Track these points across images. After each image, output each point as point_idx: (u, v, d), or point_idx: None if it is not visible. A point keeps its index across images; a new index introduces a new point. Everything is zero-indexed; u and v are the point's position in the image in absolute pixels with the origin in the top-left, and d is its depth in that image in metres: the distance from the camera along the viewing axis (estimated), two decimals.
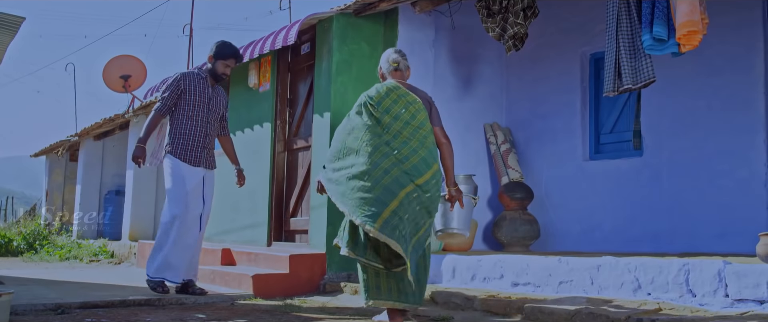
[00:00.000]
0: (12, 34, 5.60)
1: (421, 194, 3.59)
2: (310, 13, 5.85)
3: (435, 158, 3.73)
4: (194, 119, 4.89)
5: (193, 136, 4.87)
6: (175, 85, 4.88)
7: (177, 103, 4.89)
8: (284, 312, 4.33)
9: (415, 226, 3.60)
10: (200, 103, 4.91)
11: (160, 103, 4.89)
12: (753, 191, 5.08)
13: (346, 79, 5.85)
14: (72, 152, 14.66)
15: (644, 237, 5.64)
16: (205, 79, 4.99)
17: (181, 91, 4.87)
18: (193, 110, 4.88)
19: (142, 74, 10.98)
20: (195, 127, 4.89)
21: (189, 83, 4.90)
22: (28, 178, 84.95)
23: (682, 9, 4.09)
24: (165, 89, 4.90)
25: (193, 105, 4.88)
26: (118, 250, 10.23)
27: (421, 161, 3.63)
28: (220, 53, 4.94)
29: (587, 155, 6.28)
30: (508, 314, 3.98)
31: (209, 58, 4.97)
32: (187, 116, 4.87)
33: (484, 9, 5.78)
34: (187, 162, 4.82)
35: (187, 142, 4.84)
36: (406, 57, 3.97)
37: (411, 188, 3.57)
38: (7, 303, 3.67)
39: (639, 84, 4.47)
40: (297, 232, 6.34)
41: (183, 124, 4.87)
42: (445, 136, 3.83)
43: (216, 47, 4.96)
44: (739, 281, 3.47)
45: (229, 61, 4.97)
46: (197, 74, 4.97)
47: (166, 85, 4.93)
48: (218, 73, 4.97)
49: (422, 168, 3.61)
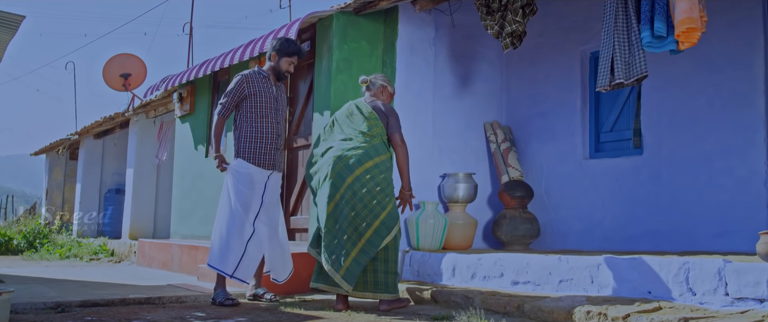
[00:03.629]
0: (12, 33, 5.60)
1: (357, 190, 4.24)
2: (310, 12, 5.84)
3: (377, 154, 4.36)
4: (264, 120, 4.70)
5: (265, 138, 4.69)
6: (237, 88, 4.69)
7: (241, 105, 4.72)
8: (284, 311, 4.33)
9: (356, 230, 4.21)
10: (268, 104, 4.73)
11: (221, 107, 4.71)
12: (753, 189, 5.08)
13: (346, 78, 5.85)
14: (72, 151, 14.67)
15: (644, 235, 5.64)
16: (267, 77, 4.79)
17: (245, 95, 4.69)
18: (262, 111, 4.70)
19: (142, 73, 11.00)
20: (266, 129, 4.71)
21: (253, 85, 4.70)
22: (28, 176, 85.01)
23: (681, 6, 4.09)
24: (227, 92, 4.71)
25: (262, 106, 4.70)
26: (118, 248, 10.24)
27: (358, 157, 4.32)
28: (285, 50, 4.78)
29: (587, 154, 6.28)
30: (509, 312, 3.99)
31: (272, 56, 4.78)
32: (256, 118, 4.68)
33: (484, 7, 5.78)
34: (259, 165, 4.67)
35: (259, 145, 4.67)
36: (381, 78, 4.69)
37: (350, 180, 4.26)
38: (7, 302, 3.67)
39: (631, 79, 4.46)
40: (297, 231, 6.34)
41: (253, 126, 4.68)
42: (401, 141, 4.46)
43: (279, 44, 4.78)
44: (739, 280, 3.47)
45: (293, 58, 4.82)
46: (258, 73, 4.78)
47: (228, 89, 4.72)
48: (282, 70, 4.81)
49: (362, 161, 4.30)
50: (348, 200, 4.21)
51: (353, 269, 4.16)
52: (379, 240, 4.20)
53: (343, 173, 4.26)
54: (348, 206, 4.21)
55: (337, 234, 4.21)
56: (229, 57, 6.59)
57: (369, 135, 4.39)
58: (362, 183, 4.23)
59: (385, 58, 6.04)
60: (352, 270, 4.16)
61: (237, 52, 6.43)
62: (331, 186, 4.26)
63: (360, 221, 4.20)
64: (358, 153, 4.29)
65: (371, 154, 4.31)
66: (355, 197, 4.21)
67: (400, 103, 5.91)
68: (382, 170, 4.31)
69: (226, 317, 4.00)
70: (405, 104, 5.96)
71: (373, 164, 4.28)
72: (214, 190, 7.54)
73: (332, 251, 4.20)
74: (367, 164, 4.27)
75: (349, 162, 4.27)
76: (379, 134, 4.41)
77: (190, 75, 7.54)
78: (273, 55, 4.80)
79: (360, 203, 4.21)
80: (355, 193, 4.21)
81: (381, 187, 4.27)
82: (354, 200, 4.21)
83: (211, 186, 7.69)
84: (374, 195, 4.23)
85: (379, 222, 4.22)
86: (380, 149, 4.37)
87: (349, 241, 4.19)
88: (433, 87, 6.19)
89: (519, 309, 3.94)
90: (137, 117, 11.09)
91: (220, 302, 4.54)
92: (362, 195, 4.21)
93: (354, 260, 4.17)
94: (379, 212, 4.23)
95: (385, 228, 4.23)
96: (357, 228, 4.20)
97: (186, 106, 8.45)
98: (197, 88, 8.37)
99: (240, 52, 6.34)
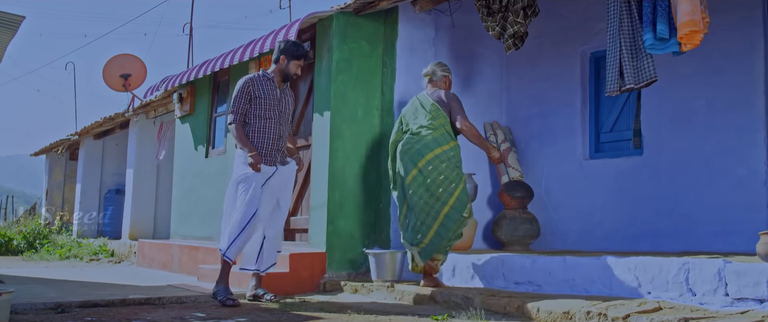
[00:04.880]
0: (12, 33, 5.61)
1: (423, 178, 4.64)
2: (310, 12, 5.84)
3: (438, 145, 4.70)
4: (267, 122, 4.80)
5: (266, 139, 4.79)
6: (243, 92, 4.79)
7: (248, 108, 4.81)
8: (284, 311, 4.33)
9: (428, 216, 4.62)
10: (271, 106, 4.82)
11: (233, 115, 4.79)
12: (753, 189, 5.08)
13: (346, 78, 5.85)
14: (72, 151, 14.67)
15: (644, 236, 5.64)
16: (272, 80, 4.89)
17: (251, 97, 4.79)
18: (264, 113, 4.80)
19: (142, 73, 11.01)
20: (268, 130, 4.80)
21: (257, 87, 4.80)
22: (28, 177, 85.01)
23: (683, 8, 4.09)
24: (235, 97, 4.79)
25: (265, 108, 4.80)
26: (118, 249, 10.24)
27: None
28: (294, 53, 4.88)
29: (587, 154, 6.28)
30: (509, 312, 3.98)
31: (282, 60, 4.87)
32: (258, 120, 4.78)
33: (484, 8, 5.78)
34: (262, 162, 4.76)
35: (260, 146, 4.77)
36: (441, 69, 5.04)
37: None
38: (7, 302, 3.67)
39: (641, 83, 4.47)
40: (297, 231, 6.34)
41: (255, 127, 4.78)
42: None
43: (287, 47, 4.88)
44: (738, 280, 3.47)
45: (301, 61, 4.93)
46: (263, 76, 4.87)
47: (236, 94, 4.81)
48: (291, 73, 4.91)
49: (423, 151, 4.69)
50: (415, 190, 4.66)
51: (428, 250, 4.68)
52: (451, 224, 4.66)
53: (408, 167, 4.70)
54: (416, 195, 4.66)
55: (410, 222, 4.71)
56: (229, 57, 6.59)
57: (432, 127, 4.75)
58: (425, 175, 4.66)
59: (385, 58, 6.04)
60: (427, 250, 4.68)
61: (237, 53, 6.43)
62: (400, 179, 4.77)
63: (429, 209, 4.65)
64: (418, 146, 4.71)
65: (432, 145, 4.68)
66: (421, 188, 4.65)
67: (400, 104, 5.92)
68: (444, 160, 4.67)
69: (226, 318, 4.00)
70: (405, 104, 5.95)
71: (433, 156, 4.66)
72: (214, 190, 7.54)
73: (408, 237, 4.72)
74: (428, 155, 4.66)
75: (412, 155, 4.70)
76: (442, 125, 4.76)
77: (190, 75, 7.53)
78: (282, 58, 4.88)
79: (426, 193, 4.65)
80: (421, 184, 4.66)
81: (445, 175, 4.64)
82: (420, 190, 4.65)
83: (210, 187, 7.69)
84: (439, 184, 4.64)
85: (449, 208, 4.65)
86: (441, 140, 4.72)
87: (424, 226, 4.67)
88: None
89: (519, 309, 3.94)
90: (137, 117, 11.09)
91: (222, 301, 4.56)
92: (427, 185, 4.64)
93: (430, 242, 4.68)
94: (446, 199, 4.65)
95: (456, 212, 4.66)
96: (428, 214, 4.65)
97: (186, 107, 8.45)
98: (197, 89, 8.37)
99: (240, 53, 6.34)
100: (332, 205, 5.68)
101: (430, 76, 5.01)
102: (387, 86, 5.99)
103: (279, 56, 4.90)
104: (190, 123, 8.46)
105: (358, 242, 5.76)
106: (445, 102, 4.83)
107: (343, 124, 5.80)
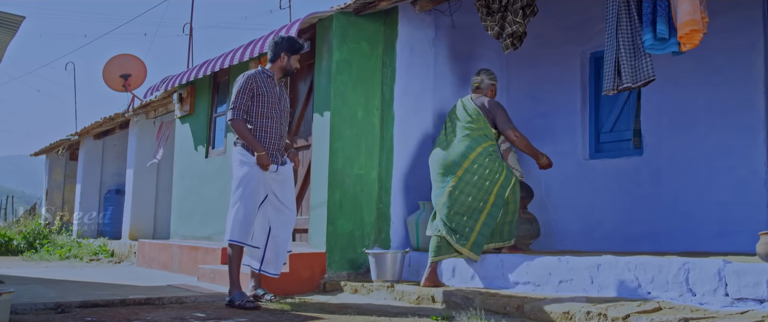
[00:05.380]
0: (12, 33, 5.60)
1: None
2: (310, 12, 5.84)
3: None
4: (269, 121, 4.70)
5: (270, 138, 4.70)
6: (246, 88, 4.66)
7: (250, 105, 4.69)
8: (284, 311, 4.33)
9: (475, 210, 4.95)
10: (272, 103, 4.72)
11: (234, 111, 4.64)
12: (753, 189, 5.08)
13: (346, 78, 5.85)
14: (72, 151, 14.67)
15: (644, 236, 5.64)
16: (272, 77, 4.78)
17: (254, 94, 4.67)
18: (267, 112, 4.69)
19: (142, 73, 11.00)
20: (272, 130, 4.72)
21: (260, 85, 4.69)
22: (28, 177, 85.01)
23: (683, 8, 4.08)
24: (238, 93, 4.65)
25: (266, 106, 4.69)
26: (118, 249, 10.24)
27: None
28: (293, 48, 4.80)
29: (587, 154, 6.28)
30: (509, 313, 3.98)
31: (282, 57, 4.78)
32: (262, 119, 4.68)
33: (484, 7, 5.78)
34: None
35: (264, 146, 4.66)
36: (488, 77, 5.33)
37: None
38: (7, 302, 3.67)
39: (639, 83, 4.46)
40: (297, 231, 6.34)
41: (258, 127, 4.67)
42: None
43: (285, 44, 4.79)
44: (739, 280, 3.47)
45: (299, 55, 4.87)
46: (263, 73, 4.76)
47: (238, 90, 4.67)
48: (293, 68, 4.84)
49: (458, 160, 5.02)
50: (461, 189, 4.95)
51: (479, 241, 4.95)
52: (497, 211, 4.97)
53: (453, 168, 4.99)
54: (463, 194, 4.94)
55: (455, 217, 4.94)
56: (229, 58, 6.59)
57: (471, 129, 5.09)
58: (472, 172, 4.97)
59: (385, 58, 6.04)
60: (478, 242, 4.94)
61: (237, 53, 6.43)
62: (443, 179, 5.04)
63: (477, 203, 4.94)
64: (462, 148, 5.02)
65: (473, 146, 5.03)
66: (468, 185, 4.95)
67: (400, 104, 5.92)
68: (486, 155, 5.01)
69: (226, 318, 4.00)
70: (405, 105, 5.96)
71: (476, 155, 5.02)
72: (214, 191, 7.55)
73: (455, 230, 4.95)
74: (471, 155, 5.01)
75: (456, 158, 5.01)
76: (480, 128, 5.09)
77: (190, 76, 7.53)
78: (283, 55, 4.79)
79: (474, 189, 4.95)
80: (467, 182, 4.95)
81: (489, 169, 4.97)
82: (468, 187, 4.94)
83: (210, 187, 7.69)
84: (485, 178, 4.96)
85: (494, 196, 4.96)
86: (480, 140, 5.06)
87: (471, 220, 4.95)
88: (433, 88, 6.19)
89: (519, 310, 3.94)
90: (137, 118, 11.09)
91: (240, 305, 4.43)
92: (474, 182, 4.95)
93: (479, 234, 4.95)
94: (490, 188, 4.96)
95: (502, 192, 4.97)
96: (475, 209, 4.95)
97: (186, 107, 8.45)
98: (197, 89, 8.37)
99: (240, 53, 6.34)
100: (332, 205, 5.68)
101: (478, 85, 5.30)
102: (387, 86, 5.99)
103: (279, 53, 4.80)
104: (190, 123, 8.46)
105: (358, 242, 5.76)
106: (488, 109, 5.11)
107: (343, 124, 5.80)
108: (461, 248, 4.93)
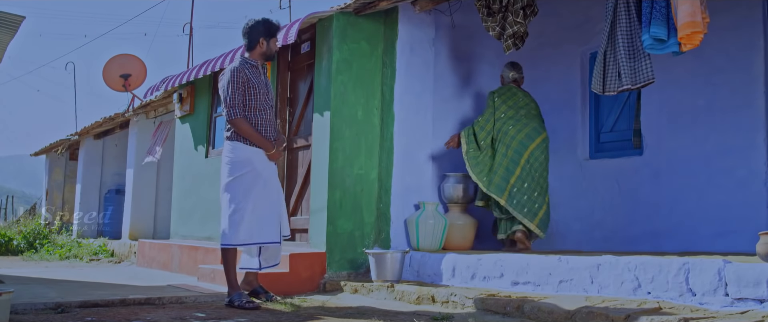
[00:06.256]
0: (12, 33, 5.61)
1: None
2: (310, 12, 5.84)
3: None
4: (264, 114, 4.60)
5: (268, 131, 4.61)
6: (238, 81, 4.50)
7: (244, 99, 4.54)
8: (284, 311, 4.33)
9: (543, 189, 5.67)
10: (262, 94, 4.59)
11: (232, 109, 4.48)
12: (753, 189, 5.08)
13: (346, 78, 5.85)
14: (72, 151, 14.68)
15: (644, 236, 5.64)
16: (256, 66, 4.63)
17: (246, 87, 4.52)
18: (260, 104, 4.58)
19: (142, 73, 11.00)
20: (267, 122, 4.61)
21: (248, 77, 4.54)
22: (28, 177, 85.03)
23: (684, 9, 4.08)
24: (229, 92, 4.48)
25: (259, 99, 4.57)
26: (118, 249, 10.24)
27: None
28: (270, 31, 4.65)
29: (587, 154, 6.28)
30: (508, 313, 3.98)
31: (262, 43, 4.62)
32: (257, 113, 4.57)
33: (484, 8, 5.78)
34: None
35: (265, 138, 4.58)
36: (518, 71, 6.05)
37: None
38: (7, 302, 3.67)
39: (638, 84, 4.47)
40: (297, 231, 6.34)
41: (255, 122, 4.56)
42: None
43: (262, 27, 4.61)
44: (739, 280, 3.47)
45: (277, 36, 4.73)
46: (247, 62, 4.60)
47: (227, 87, 4.51)
48: (273, 51, 4.70)
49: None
50: (532, 165, 5.52)
51: (545, 219, 5.55)
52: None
53: (526, 143, 5.58)
54: (532, 173, 5.50)
55: (525, 192, 5.47)
56: (229, 57, 6.58)
57: (534, 115, 5.78)
58: (536, 156, 5.57)
59: (385, 58, 6.04)
60: (545, 220, 5.55)
61: (237, 53, 6.42)
62: (514, 156, 5.56)
63: (543, 182, 5.60)
64: (528, 130, 5.62)
65: (539, 130, 5.68)
66: (534, 166, 5.55)
67: (400, 104, 5.92)
68: (543, 150, 5.67)
69: (226, 318, 4.00)
70: (405, 105, 5.95)
71: (541, 139, 5.63)
72: (214, 190, 7.54)
73: (523, 205, 5.47)
74: (538, 139, 5.60)
75: (525, 137, 5.58)
76: (538, 115, 5.84)
77: (190, 75, 7.53)
78: (262, 40, 4.65)
79: (536, 172, 5.55)
80: (533, 163, 5.55)
81: (545, 155, 5.68)
82: (534, 167, 5.53)
83: (210, 187, 7.69)
84: (546, 168, 5.67)
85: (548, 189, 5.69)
86: (541, 129, 5.73)
87: (540, 197, 5.53)
88: (433, 88, 6.19)
89: (519, 310, 3.94)
90: (137, 117, 11.09)
91: (240, 305, 4.40)
92: (537, 166, 5.58)
93: (545, 213, 5.57)
94: (545, 186, 5.67)
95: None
96: (542, 187, 5.59)
97: (186, 107, 8.45)
98: (197, 89, 8.37)
99: (240, 53, 6.33)
100: (332, 205, 5.68)
101: (518, 80, 5.99)
102: (387, 86, 5.98)
103: (257, 39, 4.63)
104: (190, 123, 8.46)
105: (358, 242, 5.76)
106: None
107: (343, 124, 5.80)
108: (529, 224, 5.49)
